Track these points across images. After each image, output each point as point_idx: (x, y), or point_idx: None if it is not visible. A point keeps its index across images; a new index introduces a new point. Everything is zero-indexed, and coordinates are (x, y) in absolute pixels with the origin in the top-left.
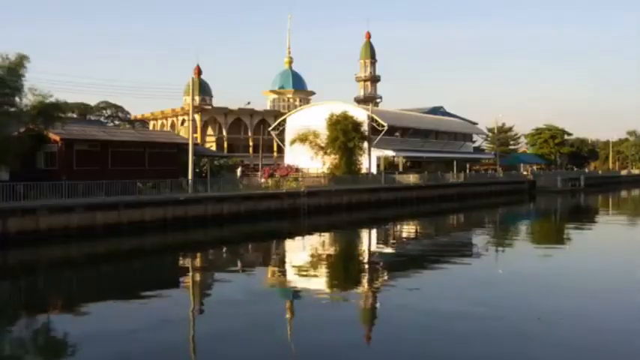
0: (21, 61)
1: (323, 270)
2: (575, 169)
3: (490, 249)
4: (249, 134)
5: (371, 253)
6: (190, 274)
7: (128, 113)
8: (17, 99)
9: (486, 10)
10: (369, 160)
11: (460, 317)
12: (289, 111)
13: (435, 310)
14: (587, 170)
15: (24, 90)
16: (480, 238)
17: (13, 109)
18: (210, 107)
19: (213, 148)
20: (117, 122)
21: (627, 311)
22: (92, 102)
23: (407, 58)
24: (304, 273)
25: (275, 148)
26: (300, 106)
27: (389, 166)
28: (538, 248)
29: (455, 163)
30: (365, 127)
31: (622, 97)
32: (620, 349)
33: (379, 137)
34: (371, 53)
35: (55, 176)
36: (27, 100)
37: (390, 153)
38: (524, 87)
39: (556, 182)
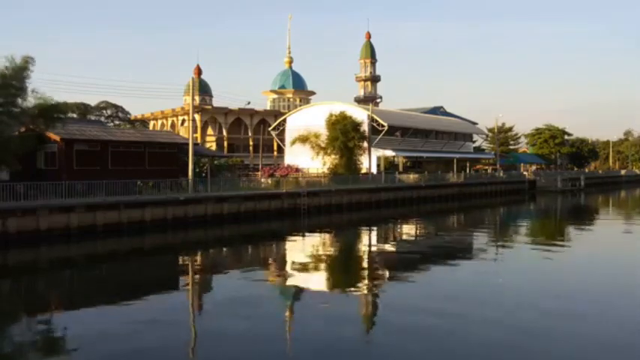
0: (26, 64)
1: (323, 270)
2: (575, 169)
3: (490, 249)
4: (250, 134)
5: (371, 253)
6: (190, 274)
7: (128, 113)
8: (20, 100)
9: (486, 10)
10: (369, 160)
11: (461, 318)
12: (289, 111)
13: (436, 310)
14: (587, 170)
15: (27, 92)
16: (480, 238)
17: (15, 110)
18: (210, 107)
19: (213, 148)
20: (117, 122)
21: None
22: (92, 102)
23: (407, 58)
24: (304, 273)
25: (275, 148)
26: (300, 106)
27: (389, 166)
28: (538, 248)
29: (455, 163)
30: (365, 127)
31: (622, 97)
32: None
33: (379, 137)
34: (371, 53)
35: (55, 176)
36: (28, 102)
37: (390, 153)
38: (525, 87)
39: (556, 182)
